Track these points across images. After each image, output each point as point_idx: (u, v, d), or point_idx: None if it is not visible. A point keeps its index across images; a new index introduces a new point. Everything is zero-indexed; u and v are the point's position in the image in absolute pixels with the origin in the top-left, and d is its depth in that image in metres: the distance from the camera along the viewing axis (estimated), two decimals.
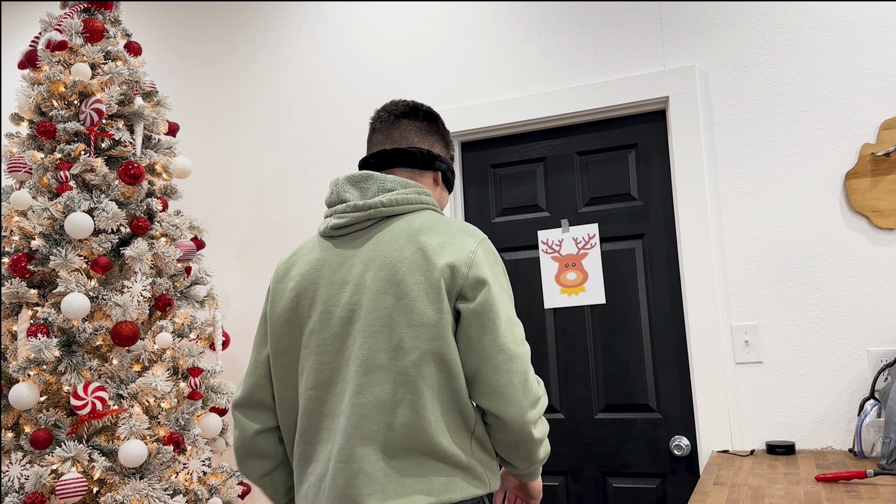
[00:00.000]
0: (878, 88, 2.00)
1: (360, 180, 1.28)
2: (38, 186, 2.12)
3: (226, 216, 2.78)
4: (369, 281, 1.20)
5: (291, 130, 2.71)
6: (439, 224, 1.24)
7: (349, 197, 1.27)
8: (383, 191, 1.26)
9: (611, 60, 2.28)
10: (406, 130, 1.35)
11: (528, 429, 1.19)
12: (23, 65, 2.23)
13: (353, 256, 1.24)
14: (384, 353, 1.17)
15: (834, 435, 1.97)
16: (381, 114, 1.39)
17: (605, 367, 2.26)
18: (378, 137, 1.37)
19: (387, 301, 1.18)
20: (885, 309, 1.95)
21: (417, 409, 1.15)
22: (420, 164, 1.33)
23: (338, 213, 1.27)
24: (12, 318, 2.04)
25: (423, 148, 1.35)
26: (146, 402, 2.00)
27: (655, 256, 2.23)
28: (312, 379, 1.23)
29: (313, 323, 1.24)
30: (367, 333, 1.18)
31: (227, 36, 2.85)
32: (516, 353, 1.16)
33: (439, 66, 2.50)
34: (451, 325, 1.17)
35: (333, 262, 1.26)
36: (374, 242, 1.23)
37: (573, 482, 2.27)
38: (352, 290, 1.22)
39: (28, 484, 1.84)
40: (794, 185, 2.06)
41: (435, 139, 1.38)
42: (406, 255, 1.19)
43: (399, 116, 1.36)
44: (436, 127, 1.39)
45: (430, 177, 1.37)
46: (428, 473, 1.16)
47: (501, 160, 2.45)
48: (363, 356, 1.18)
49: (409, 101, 1.39)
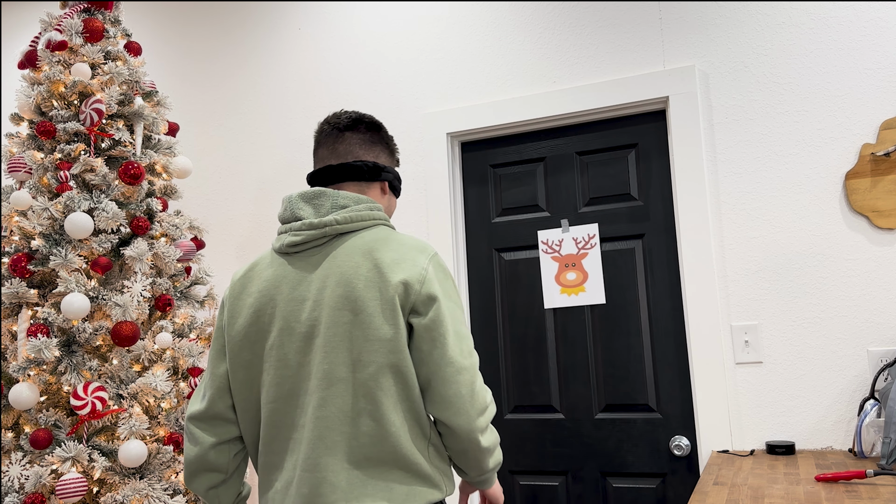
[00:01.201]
0: (878, 88, 2.00)
1: (313, 197, 1.33)
2: (38, 186, 2.12)
3: (226, 216, 2.78)
4: (327, 297, 1.26)
5: (291, 130, 2.71)
6: (392, 240, 1.30)
7: (303, 214, 1.32)
8: (336, 207, 1.31)
9: (611, 60, 2.28)
10: (350, 144, 1.40)
11: (475, 436, 1.26)
12: (23, 65, 2.23)
13: (310, 273, 1.30)
14: (344, 366, 1.23)
15: (834, 435, 1.97)
16: (324, 127, 1.43)
17: (605, 367, 2.26)
18: (323, 152, 1.41)
19: (344, 317, 1.24)
20: (885, 309, 1.95)
21: (378, 419, 1.22)
22: (367, 176, 1.39)
23: (293, 231, 1.32)
24: (12, 318, 2.04)
25: (369, 161, 1.40)
26: (146, 402, 2.00)
27: (655, 256, 2.23)
28: (274, 392, 1.29)
29: (273, 338, 1.30)
30: (328, 348, 1.24)
31: (227, 36, 2.86)
32: (463, 365, 1.24)
33: (439, 65, 2.50)
34: (406, 339, 1.24)
35: (291, 279, 1.31)
36: (331, 259, 1.29)
37: (573, 482, 2.27)
38: (311, 307, 1.27)
39: (28, 484, 1.84)
40: (794, 185, 2.06)
41: (379, 149, 1.43)
42: (362, 271, 1.25)
43: (342, 130, 1.41)
44: (379, 137, 1.44)
45: (378, 187, 1.42)
46: (389, 481, 1.23)
47: (501, 160, 2.45)
48: (324, 370, 1.24)
49: (352, 112, 1.44)
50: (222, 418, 1.36)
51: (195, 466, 1.37)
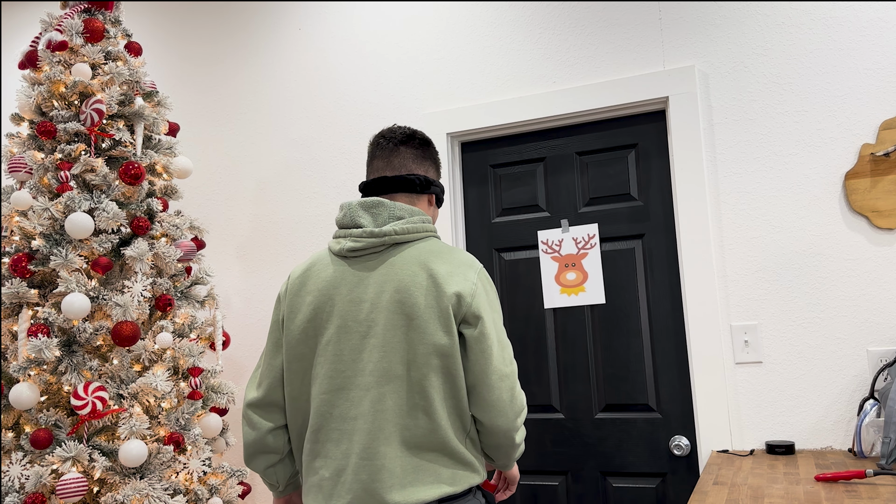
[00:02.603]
0: (878, 88, 2.00)
1: (372, 206, 1.45)
2: (39, 186, 2.12)
3: (226, 216, 2.78)
4: (385, 301, 1.38)
5: (291, 130, 2.71)
6: (444, 253, 1.43)
7: (363, 222, 1.43)
8: (393, 218, 1.44)
9: (611, 60, 2.28)
10: (405, 158, 1.52)
11: (511, 435, 1.43)
12: (23, 65, 2.24)
13: (367, 277, 1.41)
14: (401, 365, 1.37)
15: (834, 435, 1.97)
16: (380, 141, 1.55)
17: (605, 367, 2.26)
18: (379, 164, 1.53)
19: (401, 320, 1.37)
20: (885, 309, 1.95)
21: (430, 414, 1.36)
22: (418, 189, 1.51)
23: (353, 237, 1.43)
24: (12, 318, 2.04)
25: (420, 174, 1.52)
26: (146, 402, 2.00)
27: (655, 256, 2.24)
28: (326, 384, 1.41)
29: (330, 334, 1.41)
30: (386, 348, 1.37)
31: (227, 36, 2.86)
32: (505, 372, 1.39)
33: (439, 65, 2.50)
34: (458, 345, 1.37)
35: (350, 281, 1.42)
36: (388, 266, 1.41)
37: (573, 482, 2.27)
38: (368, 308, 1.39)
39: (28, 484, 1.84)
40: (794, 185, 2.06)
41: (429, 164, 1.56)
42: (419, 280, 1.38)
43: (398, 143, 1.53)
44: (429, 152, 1.57)
45: (426, 199, 1.55)
46: (438, 465, 1.37)
47: (501, 160, 2.46)
48: (382, 368, 1.37)
49: (406, 128, 1.56)
50: (277, 406, 1.49)
51: (253, 449, 1.51)
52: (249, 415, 1.50)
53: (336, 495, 1.36)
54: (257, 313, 2.69)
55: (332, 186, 2.62)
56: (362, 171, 2.58)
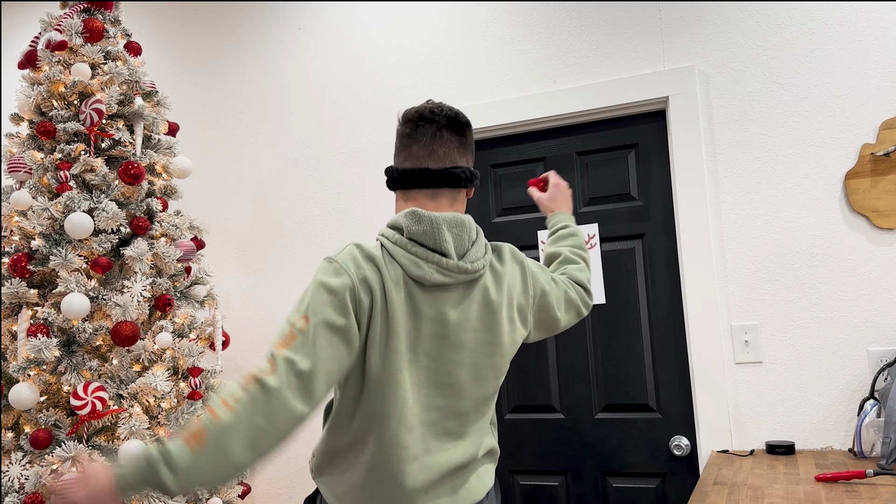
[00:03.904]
0: (878, 88, 2.00)
1: (455, 226, 1.30)
2: (38, 186, 2.12)
3: (226, 216, 2.78)
4: (471, 340, 1.33)
5: (291, 130, 2.71)
6: (497, 268, 1.40)
7: (448, 247, 1.28)
8: (470, 241, 1.32)
9: (611, 60, 2.28)
10: (449, 147, 1.36)
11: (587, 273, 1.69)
12: (23, 65, 2.23)
13: (447, 312, 1.30)
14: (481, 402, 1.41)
15: (834, 435, 1.97)
16: (419, 122, 1.36)
17: (605, 367, 2.26)
18: (419, 151, 1.35)
19: (487, 350, 1.37)
20: (885, 309, 1.95)
21: (488, 430, 1.48)
22: (463, 184, 1.36)
23: (442, 271, 1.28)
24: (12, 318, 2.04)
25: (465, 168, 1.37)
26: (146, 402, 2.00)
27: (655, 256, 2.23)
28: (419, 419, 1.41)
29: (409, 369, 1.31)
30: (479, 379, 1.38)
31: (227, 36, 2.86)
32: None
33: (439, 65, 2.50)
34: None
35: (430, 316, 1.29)
36: (472, 302, 1.34)
37: (573, 482, 2.27)
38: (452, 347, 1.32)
39: (28, 484, 1.84)
40: (794, 185, 2.06)
41: (469, 153, 1.41)
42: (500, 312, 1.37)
43: (441, 128, 1.35)
44: (470, 137, 1.41)
45: (464, 192, 1.41)
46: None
47: (501, 160, 2.45)
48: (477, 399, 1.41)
49: (447, 108, 1.38)
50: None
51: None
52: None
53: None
54: (257, 313, 2.69)
55: (332, 186, 2.62)
56: (362, 171, 2.58)
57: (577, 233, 1.71)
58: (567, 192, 1.79)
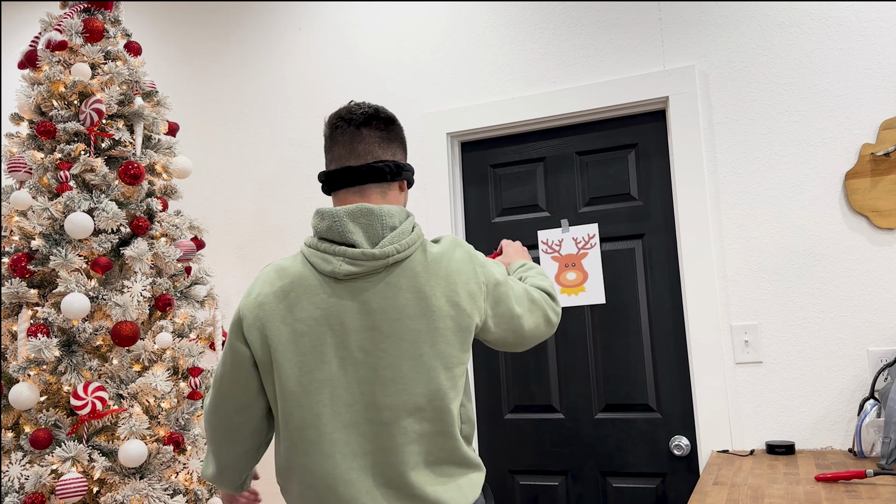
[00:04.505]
0: (878, 88, 2.00)
1: (361, 216, 1.26)
2: (38, 186, 2.12)
3: (226, 216, 2.78)
4: (391, 327, 1.26)
5: (291, 130, 2.71)
6: (433, 264, 1.31)
7: (355, 238, 1.25)
8: (387, 229, 1.27)
9: (611, 60, 2.28)
10: (369, 143, 1.33)
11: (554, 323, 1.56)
12: (23, 65, 2.23)
13: (369, 301, 1.26)
14: (422, 398, 1.31)
15: (834, 435, 1.97)
16: (338, 123, 1.35)
17: (605, 367, 2.26)
18: (340, 150, 1.34)
19: (414, 346, 1.29)
20: (885, 309, 1.95)
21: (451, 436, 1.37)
22: (388, 178, 1.33)
23: (349, 260, 1.25)
24: (12, 318, 2.04)
25: (389, 161, 1.34)
26: (146, 402, 2.00)
27: (655, 256, 2.23)
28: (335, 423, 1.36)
29: (333, 369, 1.26)
30: (404, 380, 1.29)
31: (226, 35, 2.86)
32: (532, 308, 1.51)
33: (439, 66, 2.50)
34: (470, 356, 1.38)
35: (350, 308, 1.26)
36: (388, 288, 1.26)
37: (573, 482, 2.27)
38: (377, 337, 1.26)
39: (28, 484, 1.84)
40: (794, 185, 2.06)
41: (396, 146, 1.37)
42: (421, 305, 1.28)
43: (359, 126, 1.33)
44: (395, 131, 1.38)
45: (397, 186, 1.37)
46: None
47: (501, 160, 2.45)
48: (402, 401, 1.32)
49: (365, 106, 1.36)
50: (250, 466, 1.49)
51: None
52: (217, 439, 1.36)
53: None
54: None
55: None
56: None
57: (534, 266, 1.63)
58: (518, 245, 1.71)
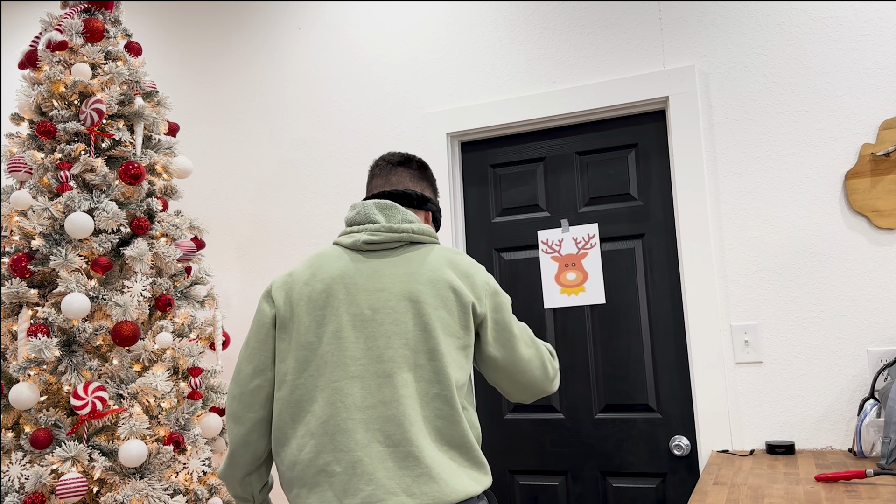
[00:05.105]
0: (878, 88, 2.00)
1: (386, 207, 1.48)
2: (39, 186, 2.12)
3: (226, 216, 2.78)
4: (404, 293, 1.39)
5: (291, 130, 2.71)
6: (460, 254, 1.50)
7: (379, 219, 1.46)
8: (405, 220, 1.47)
9: (611, 60, 2.28)
10: (402, 176, 1.57)
11: (547, 389, 1.61)
12: (23, 65, 2.23)
13: (383, 268, 1.43)
14: (423, 355, 1.40)
15: (834, 435, 1.97)
16: (380, 163, 1.60)
17: (605, 367, 2.26)
18: (378, 182, 1.58)
19: (420, 313, 1.40)
20: (885, 309, 1.95)
21: (451, 404, 1.44)
22: (415, 204, 1.55)
23: (370, 231, 1.45)
24: (12, 318, 2.04)
25: (417, 191, 1.56)
26: (146, 401, 2.00)
27: (655, 256, 2.23)
28: (340, 373, 1.44)
29: (343, 322, 1.40)
30: (407, 337, 1.39)
31: (227, 36, 2.86)
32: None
33: (439, 66, 2.50)
34: (473, 343, 1.46)
35: (365, 272, 1.43)
36: (407, 261, 1.43)
37: (573, 482, 2.27)
38: (387, 297, 1.40)
39: (28, 484, 1.84)
40: (794, 185, 2.06)
41: (425, 185, 1.61)
42: (441, 278, 1.42)
43: (395, 165, 1.58)
44: (426, 174, 1.62)
45: (423, 216, 1.58)
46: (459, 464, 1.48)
47: (501, 160, 2.45)
48: (403, 355, 1.41)
49: (404, 152, 1.62)
50: (261, 400, 1.54)
51: (238, 447, 1.52)
52: (234, 408, 1.46)
53: (351, 491, 1.30)
54: None
55: (331, 186, 2.62)
56: (362, 171, 2.58)
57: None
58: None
